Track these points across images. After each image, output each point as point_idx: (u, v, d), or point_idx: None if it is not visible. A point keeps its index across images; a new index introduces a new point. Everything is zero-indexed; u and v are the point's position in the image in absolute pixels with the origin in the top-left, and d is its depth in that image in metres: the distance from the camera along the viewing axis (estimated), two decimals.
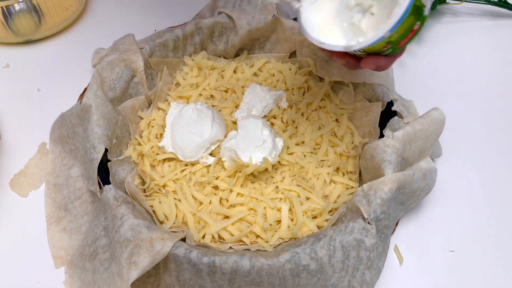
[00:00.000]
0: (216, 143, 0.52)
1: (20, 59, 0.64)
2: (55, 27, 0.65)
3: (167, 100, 0.57)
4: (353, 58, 0.43)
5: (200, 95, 0.58)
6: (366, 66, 0.42)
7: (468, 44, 0.68)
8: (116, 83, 0.52)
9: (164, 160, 0.52)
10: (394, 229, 0.48)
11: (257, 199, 0.48)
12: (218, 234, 0.46)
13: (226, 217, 0.48)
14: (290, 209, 0.48)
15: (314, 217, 0.48)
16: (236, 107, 0.56)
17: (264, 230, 0.46)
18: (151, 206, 0.47)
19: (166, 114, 0.54)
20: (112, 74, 0.52)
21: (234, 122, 0.55)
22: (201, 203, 0.49)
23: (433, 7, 0.65)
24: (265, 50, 0.61)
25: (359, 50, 0.40)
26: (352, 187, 0.50)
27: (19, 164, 0.53)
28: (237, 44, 0.59)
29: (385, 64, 0.41)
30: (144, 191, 0.49)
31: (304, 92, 0.58)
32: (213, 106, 0.56)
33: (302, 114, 0.56)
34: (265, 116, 0.55)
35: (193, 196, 0.49)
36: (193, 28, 0.58)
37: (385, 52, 0.40)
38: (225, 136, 0.53)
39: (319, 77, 0.58)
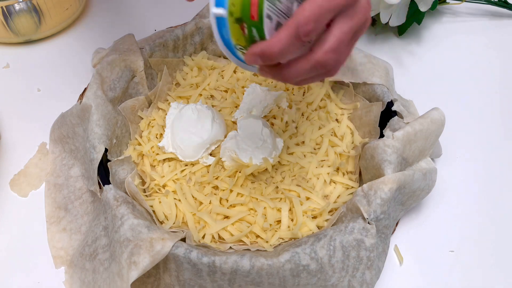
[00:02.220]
0: (216, 143, 0.52)
1: (20, 59, 0.64)
2: (55, 27, 0.65)
3: (167, 100, 0.57)
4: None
5: (200, 95, 0.58)
6: (249, 61, 0.34)
7: (468, 44, 0.68)
8: (116, 83, 0.52)
9: (164, 160, 0.52)
10: (394, 229, 0.48)
11: (257, 199, 0.48)
12: (218, 234, 0.46)
13: (226, 217, 0.48)
14: (290, 209, 0.48)
15: (314, 217, 0.48)
16: (236, 107, 0.56)
17: (264, 230, 0.46)
18: (151, 206, 0.47)
19: (166, 114, 0.54)
20: (112, 74, 0.52)
21: (234, 122, 0.55)
22: (201, 203, 0.49)
23: (433, 7, 0.65)
24: None
25: (236, 47, 0.35)
26: (352, 187, 0.50)
27: (19, 164, 0.53)
28: None
29: (264, 49, 0.32)
30: (144, 191, 0.49)
31: (304, 92, 0.58)
32: (213, 106, 0.56)
33: (302, 114, 0.56)
34: (265, 116, 0.55)
35: (193, 196, 0.49)
36: (193, 28, 0.58)
37: (254, 36, 0.34)
38: (225, 136, 0.53)
39: None
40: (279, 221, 0.47)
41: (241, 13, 0.33)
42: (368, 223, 0.42)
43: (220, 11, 0.33)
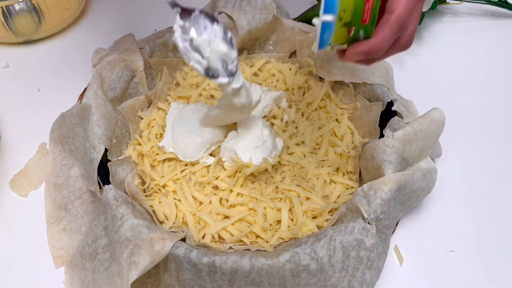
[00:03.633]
0: (216, 143, 0.52)
1: (20, 59, 0.64)
2: (55, 27, 0.65)
3: (167, 100, 0.57)
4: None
5: (200, 95, 0.58)
6: (350, 59, 0.38)
7: (468, 44, 0.68)
8: (116, 83, 0.52)
9: (164, 160, 0.52)
10: (394, 229, 0.48)
11: (257, 199, 0.48)
12: (218, 234, 0.46)
13: (226, 217, 0.48)
14: (290, 209, 0.48)
15: (314, 217, 0.47)
16: None
17: (264, 230, 0.46)
18: (151, 206, 0.47)
19: (166, 114, 0.54)
20: (112, 74, 0.52)
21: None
22: (201, 203, 0.49)
23: (433, 7, 0.65)
24: (265, 50, 0.61)
25: (331, 44, 0.37)
26: (352, 187, 0.50)
27: (19, 164, 0.53)
28: (237, 44, 0.59)
29: (371, 49, 0.36)
30: (144, 191, 0.49)
31: (304, 92, 0.58)
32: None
33: (302, 114, 0.56)
34: (265, 116, 0.55)
35: (193, 196, 0.49)
36: None
37: (359, 37, 0.37)
38: (225, 136, 0.53)
39: (319, 77, 0.58)
40: (279, 221, 0.47)
41: (351, 18, 0.35)
42: (368, 223, 0.42)
43: (329, 18, 0.35)
